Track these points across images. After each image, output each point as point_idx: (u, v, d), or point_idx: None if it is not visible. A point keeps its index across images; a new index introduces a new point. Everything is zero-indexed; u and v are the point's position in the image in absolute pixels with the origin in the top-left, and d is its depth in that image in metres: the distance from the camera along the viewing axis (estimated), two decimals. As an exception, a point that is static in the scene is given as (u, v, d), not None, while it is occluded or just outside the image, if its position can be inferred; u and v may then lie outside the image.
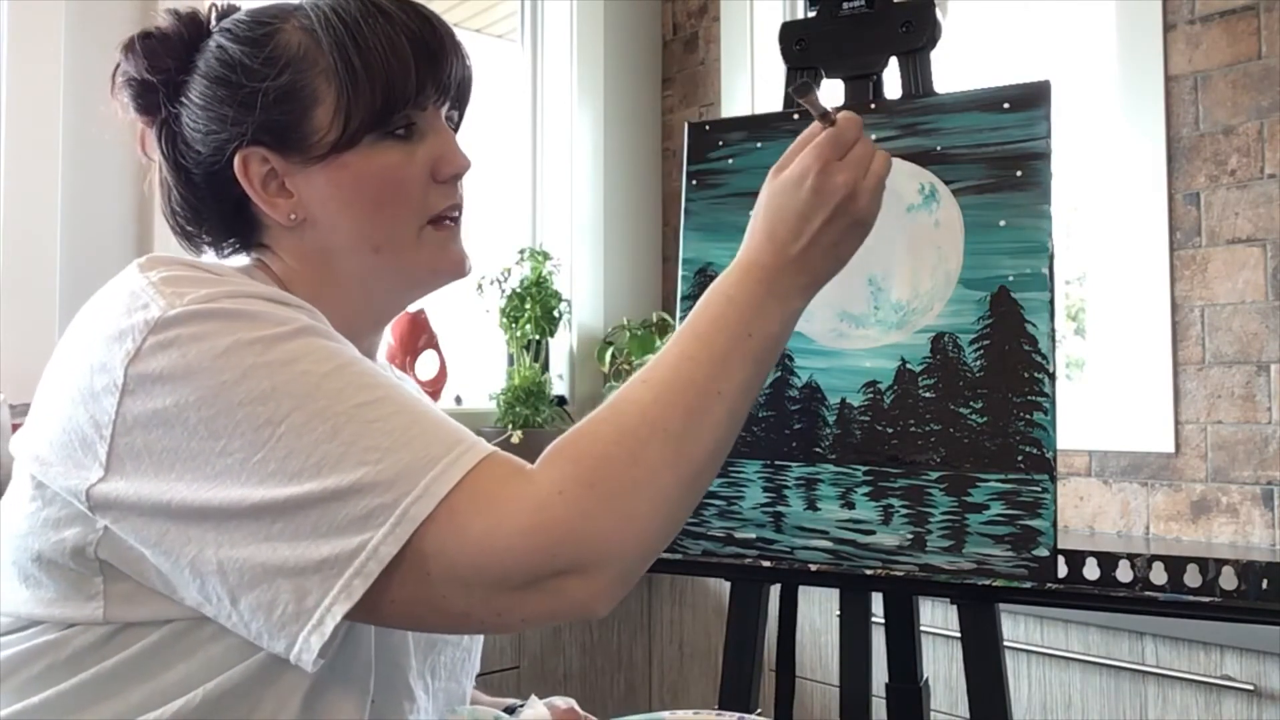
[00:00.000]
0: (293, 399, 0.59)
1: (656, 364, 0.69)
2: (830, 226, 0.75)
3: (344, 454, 0.58)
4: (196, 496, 0.58)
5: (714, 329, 0.71)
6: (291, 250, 0.76)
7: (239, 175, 0.73)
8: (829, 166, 0.75)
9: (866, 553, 0.92)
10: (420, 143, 0.75)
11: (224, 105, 0.72)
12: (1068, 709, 1.53)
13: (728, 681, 0.99)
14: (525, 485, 0.61)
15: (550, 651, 2.05)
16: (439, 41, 0.74)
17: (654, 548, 0.64)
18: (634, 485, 0.62)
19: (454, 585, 0.59)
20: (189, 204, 0.77)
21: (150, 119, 0.77)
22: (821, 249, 0.75)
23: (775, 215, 0.75)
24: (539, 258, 2.46)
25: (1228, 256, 1.83)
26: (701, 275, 1.03)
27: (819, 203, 0.75)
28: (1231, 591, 0.82)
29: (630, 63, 2.77)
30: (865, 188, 0.76)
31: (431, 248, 0.76)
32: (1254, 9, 1.81)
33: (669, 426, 0.65)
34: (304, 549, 0.57)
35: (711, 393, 0.68)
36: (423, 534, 0.58)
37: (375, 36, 0.71)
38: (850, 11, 1.02)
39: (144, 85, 0.75)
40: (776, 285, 0.74)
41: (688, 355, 0.69)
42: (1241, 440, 1.80)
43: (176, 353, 0.60)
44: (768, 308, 0.73)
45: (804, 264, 0.75)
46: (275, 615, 0.58)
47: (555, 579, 0.59)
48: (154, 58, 0.75)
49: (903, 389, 0.93)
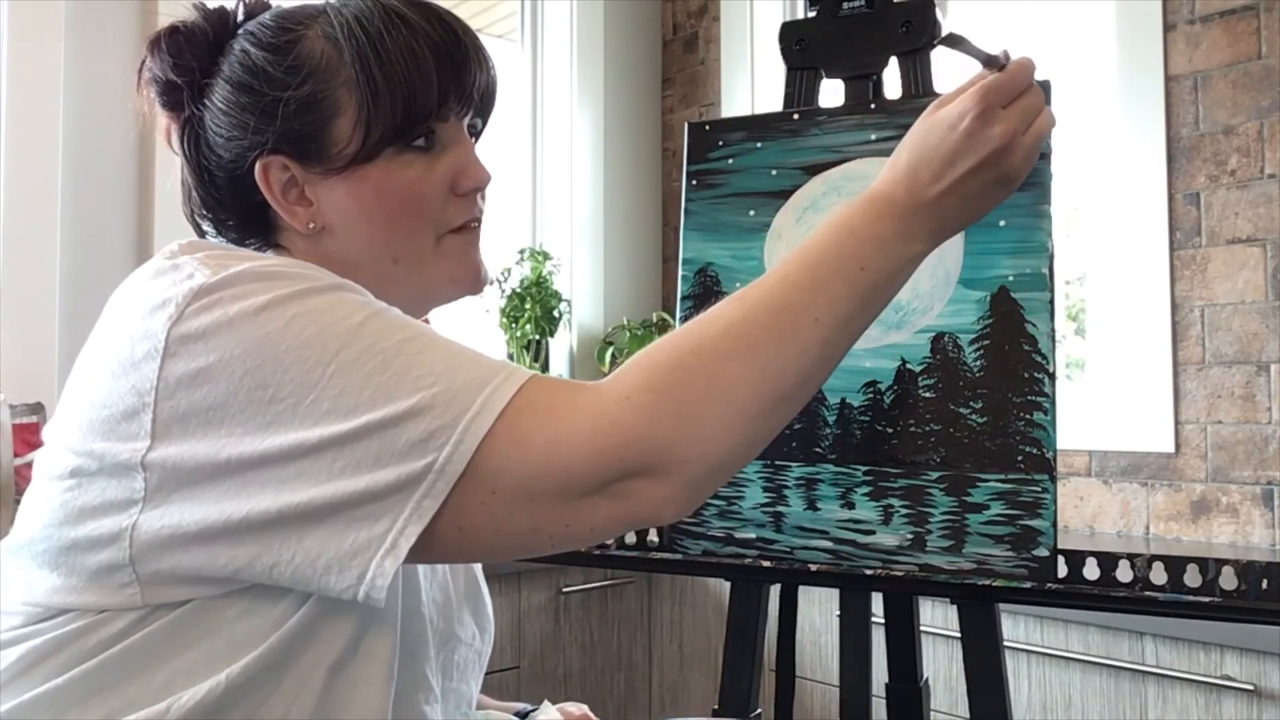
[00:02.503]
0: (339, 339, 0.60)
1: (756, 284, 0.67)
2: (976, 176, 0.72)
3: (397, 383, 0.59)
4: (252, 448, 0.59)
5: (825, 256, 0.68)
6: (309, 255, 0.76)
7: (259, 182, 0.73)
8: (989, 112, 0.72)
9: (866, 553, 0.92)
10: (441, 154, 0.75)
11: (246, 112, 0.72)
12: (1068, 709, 1.53)
13: (728, 681, 0.99)
14: (589, 394, 0.61)
15: (550, 651, 2.05)
16: (463, 53, 0.74)
17: (727, 462, 0.63)
18: (707, 396, 0.61)
19: (521, 499, 0.59)
20: (208, 204, 0.77)
21: (176, 116, 0.77)
22: (960, 197, 0.72)
23: (920, 152, 0.72)
24: (539, 258, 2.46)
25: (1228, 256, 1.83)
26: (701, 275, 1.03)
27: (970, 148, 0.72)
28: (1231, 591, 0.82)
29: (630, 63, 2.77)
30: (1023, 143, 0.73)
31: (450, 257, 0.77)
32: (1254, 9, 1.81)
33: (753, 345, 0.63)
34: (370, 478, 0.58)
35: (807, 320, 0.65)
36: (486, 450, 0.58)
37: (398, 48, 0.71)
38: (850, 11, 1.02)
39: (169, 85, 0.75)
40: (905, 224, 0.71)
41: (790, 280, 0.67)
42: (1241, 440, 1.80)
43: (219, 311, 0.60)
44: (889, 245, 0.70)
45: (939, 209, 0.72)
46: (346, 544, 0.58)
47: (622, 482, 0.59)
48: (179, 57, 0.74)
49: (903, 389, 0.93)
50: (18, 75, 1.74)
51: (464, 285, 0.79)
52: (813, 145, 0.99)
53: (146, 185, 1.88)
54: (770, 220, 1.00)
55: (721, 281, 1.01)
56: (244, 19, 0.77)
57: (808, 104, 1.04)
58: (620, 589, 2.17)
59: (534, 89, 2.74)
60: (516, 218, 2.70)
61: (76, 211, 1.80)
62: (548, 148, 2.71)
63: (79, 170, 1.80)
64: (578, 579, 2.06)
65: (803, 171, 0.99)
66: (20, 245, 1.74)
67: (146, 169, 1.88)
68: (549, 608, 2.05)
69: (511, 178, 2.71)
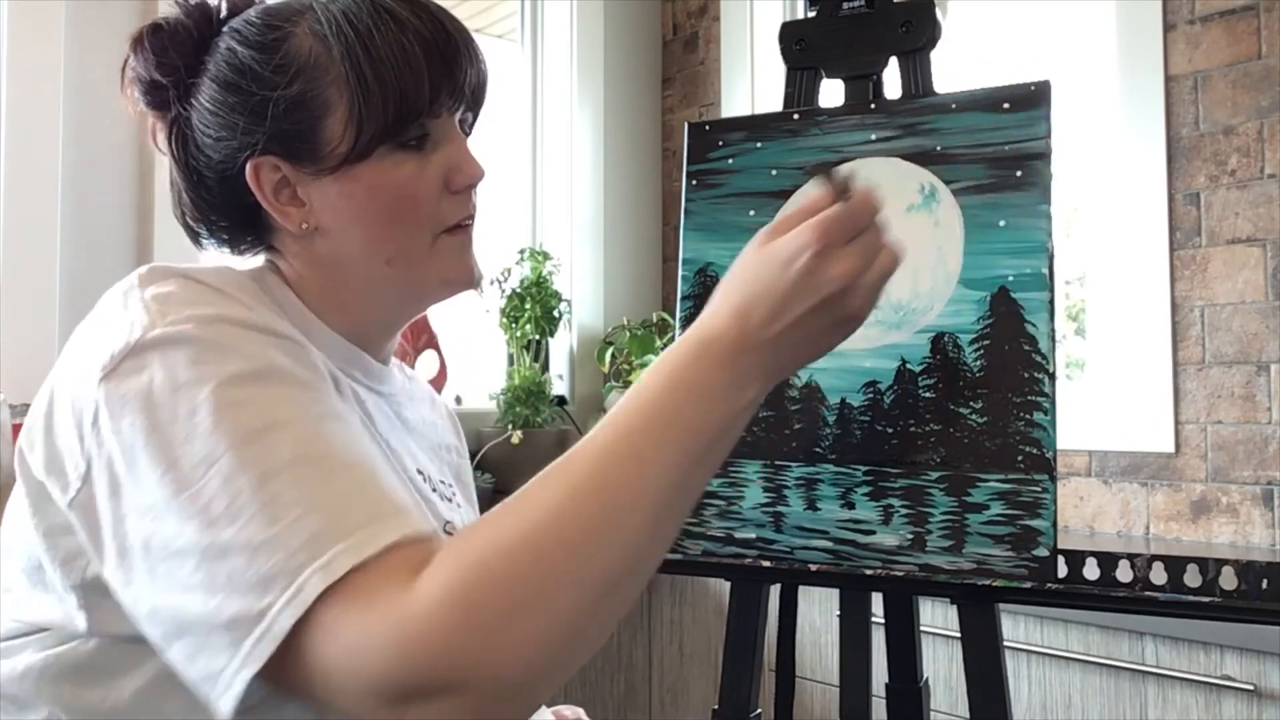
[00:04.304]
0: (230, 442, 0.57)
1: (576, 454, 0.60)
2: (813, 318, 0.64)
3: (264, 508, 0.55)
4: (136, 529, 0.58)
5: (649, 421, 0.60)
6: (302, 257, 0.76)
7: (250, 183, 0.72)
8: (829, 250, 0.64)
9: (866, 553, 0.92)
10: (434, 152, 0.74)
11: (234, 113, 0.71)
12: (1068, 709, 1.53)
13: (728, 681, 0.99)
14: (404, 592, 0.54)
15: (550, 651, 2.05)
16: (453, 48, 0.72)
17: (553, 668, 0.55)
18: (515, 607, 0.54)
19: (333, 681, 0.54)
20: (199, 205, 0.76)
21: (161, 115, 0.75)
22: (797, 339, 0.64)
23: (753, 289, 0.64)
24: (539, 258, 2.46)
25: (1228, 256, 1.83)
26: (701, 275, 1.03)
27: (807, 288, 0.63)
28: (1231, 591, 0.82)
29: (630, 63, 2.77)
30: (865, 283, 0.65)
31: (444, 258, 0.76)
32: (1254, 9, 1.81)
33: (568, 541, 0.56)
34: (216, 603, 0.55)
35: (629, 502, 0.57)
36: (313, 614, 0.54)
37: (388, 45, 0.70)
38: (850, 11, 1.02)
39: (153, 84, 0.74)
40: (737, 371, 0.62)
41: (611, 451, 0.59)
42: (1241, 440, 1.80)
43: (145, 377, 0.59)
44: (722, 396, 0.62)
45: (774, 350, 0.64)
46: (195, 671, 0.56)
47: (425, 699, 0.53)
48: (163, 55, 0.73)
49: (903, 389, 0.93)
50: (18, 75, 1.73)
51: (458, 285, 0.78)
52: (813, 145, 0.99)
53: (147, 185, 1.87)
54: (770, 220, 1.00)
55: (721, 281, 1.01)
56: (228, 15, 0.75)
57: (808, 104, 1.04)
58: (620, 589, 2.16)
59: (534, 89, 2.74)
60: (516, 218, 2.70)
61: (77, 211, 1.80)
62: (548, 148, 2.71)
63: (79, 170, 1.80)
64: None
65: (803, 172, 0.99)
66: (20, 245, 1.74)
67: (147, 169, 1.87)
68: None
69: (511, 178, 2.71)
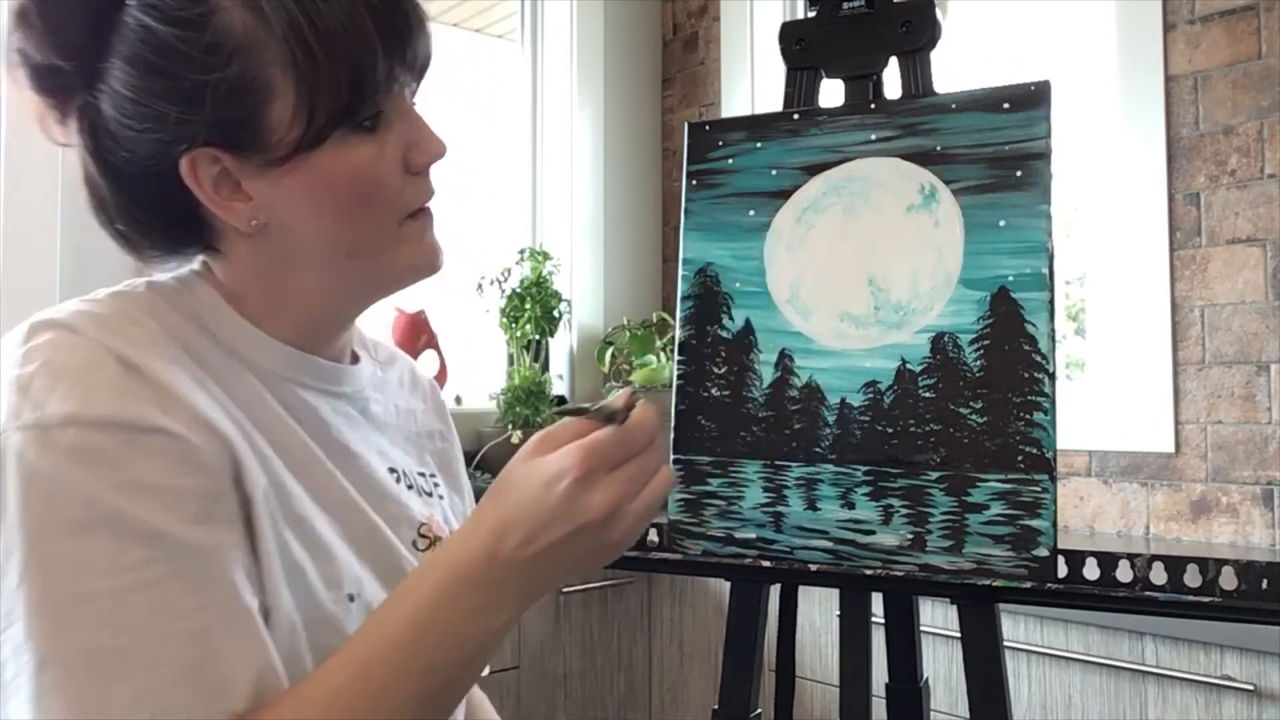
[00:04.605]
0: (27, 607, 0.53)
1: (311, 691, 0.57)
2: (572, 543, 0.59)
3: (31, 697, 0.52)
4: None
5: (386, 655, 0.57)
6: (247, 258, 0.68)
7: (187, 179, 0.64)
8: (592, 476, 0.59)
9: (866, 553, 0.92)
10: (388, 131, 0.66)
11: (161, 101, 0.61)
12: (1068, 709, 1.53)
13: (728, 681, 0.99)
14: None
15: (550, 651, 2.05)
16: (403, 14, 0.65)
17: None
18: None
19: None
20: (122, 206, 0.67)
21: (60, 103, 0.65)
22: (554, 563, 0.60)
23: (511, 509, 0.60)
24: (539, 258, 2.46)
25: (1228, 256, 1.83)
26: (701, 275, 1.03)
27: (566, 513, 0.59)
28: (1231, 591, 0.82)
29: (630, 63, 2.77)
30: (629, 512, 0.60)
31: (410, 244, 0.70)
32: (1254, 9, 1.81)
33: None
34: None
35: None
36: None
37: (334, 17, 0.62)
38: (850, 11, 1.02)
39: (49, 69, 0.63)
40: (490, 595, 0.59)
41: (341, 697, 0.56)
42: (1241, 440, 1.80)
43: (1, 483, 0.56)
44: (472, 622, 0.58)
45: (530, 572, 0.59)
46: None
47: None
48: (58, 33, 0.62)
49: (903, 389, 0.93)
50: (18, 75, 1.74)
51: (424, 272, 0.71)
52: (813, 145, 0.99)
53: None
54: (770, 220, 1.00)
55: (721, 281, 1.01)
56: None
57: (808, 104, 1.04)
58: (620, 589, 2.17)
59: (534, 89, 2.74)
60: (516, 218, 2.70)
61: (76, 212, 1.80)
62: (548, 148, 2.71)
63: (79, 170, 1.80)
64: (577, 579, 2.06)
65: (803, 171, 0.99)
66: (20, 246, 1.74)
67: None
68: (549, 608, 2.04)
69: (511, 178, 2.71)
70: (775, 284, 0.99)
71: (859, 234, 0.96)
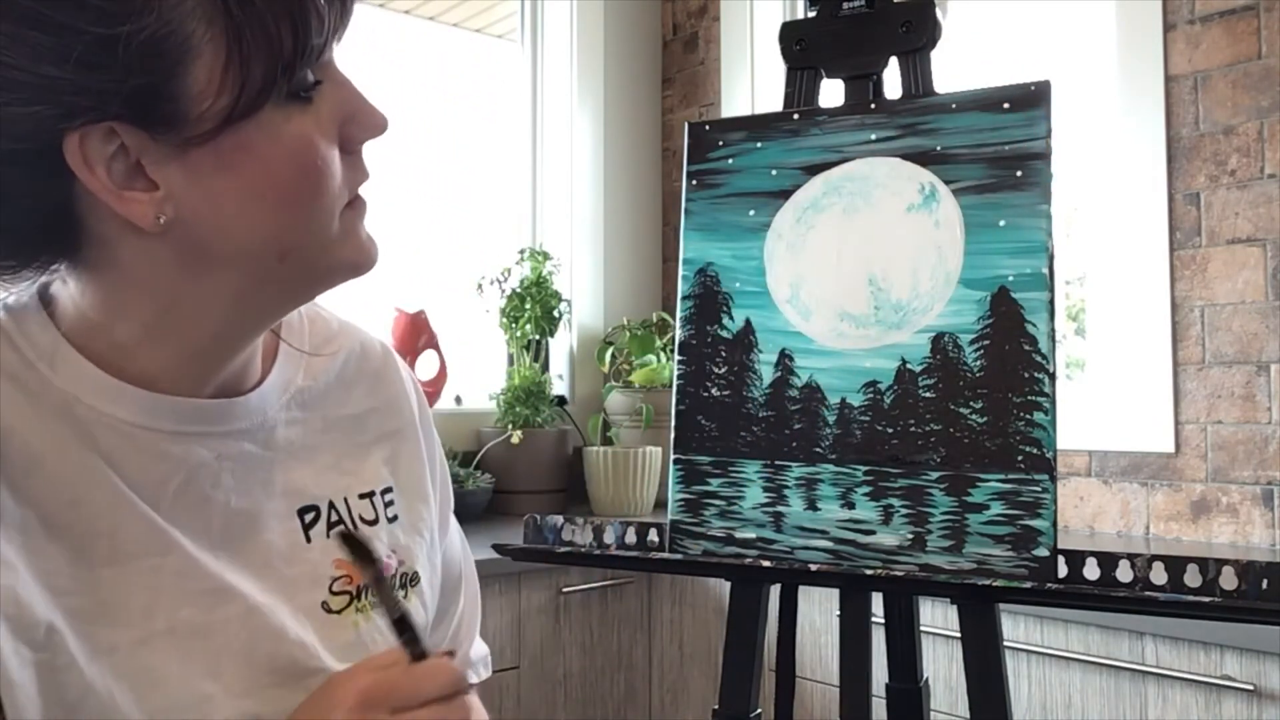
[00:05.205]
0: None
1: None
2: None
3: None
4: None
5: None
6: (132, 268, 0.55)
7: (73, 163, 0.50)
8: (372, 712, 0.54)
9: (866, 553, 0.92)
10: (320, 101, 0.55)
11: (46, 62, 0.47)
12: (1068, 709, 1.53)
13: (728, 681, 0.99)
14: None
15: (550, 651, 2.05)
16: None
17: None
18: None
19: None
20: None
21: None
22: None
23: None
24: (539, 258, 2.46)
25: (1228, 256, 1.83)
26: (701, 275, 1.03)
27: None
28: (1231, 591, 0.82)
29: (630, 63, 2.77)
30: None
31: (352, 238, 0.58)
32: (1254, 9, 1.81)
33: None
34: None
35: None
36: None
37: None
38: (850, 11, 1.02)
39: None
40: None
41: None
42: (1241, 440, 1.80)
43: None
44: None
45: None
46: None
47: None
48: None
49: (903, 389, 0.93)
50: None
51: (361, 269, 0.60)
52: (813, 145, 0.99)
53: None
54: (770, 220, 1.00)
55: (721, 281, 1.01)
56: None
57: (808, 104, 1.04)
58: (620, 589, 2.17)
59: (534, 89, 2.74)
60: (516, 218, 2.71)
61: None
62: (548, 148, 2.71)
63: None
64: (577, 579, 2.06)
65: (803, 171, 0.99)
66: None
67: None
68: (549, 608, 2.04)
69: (511, 178, 2.72)
70: (775, 284, 0.99)
71: (859, 234, 0.96)
